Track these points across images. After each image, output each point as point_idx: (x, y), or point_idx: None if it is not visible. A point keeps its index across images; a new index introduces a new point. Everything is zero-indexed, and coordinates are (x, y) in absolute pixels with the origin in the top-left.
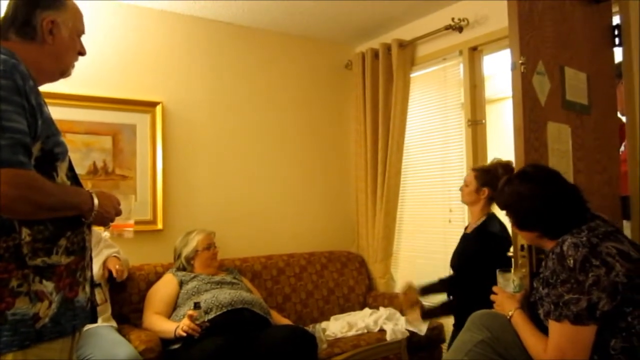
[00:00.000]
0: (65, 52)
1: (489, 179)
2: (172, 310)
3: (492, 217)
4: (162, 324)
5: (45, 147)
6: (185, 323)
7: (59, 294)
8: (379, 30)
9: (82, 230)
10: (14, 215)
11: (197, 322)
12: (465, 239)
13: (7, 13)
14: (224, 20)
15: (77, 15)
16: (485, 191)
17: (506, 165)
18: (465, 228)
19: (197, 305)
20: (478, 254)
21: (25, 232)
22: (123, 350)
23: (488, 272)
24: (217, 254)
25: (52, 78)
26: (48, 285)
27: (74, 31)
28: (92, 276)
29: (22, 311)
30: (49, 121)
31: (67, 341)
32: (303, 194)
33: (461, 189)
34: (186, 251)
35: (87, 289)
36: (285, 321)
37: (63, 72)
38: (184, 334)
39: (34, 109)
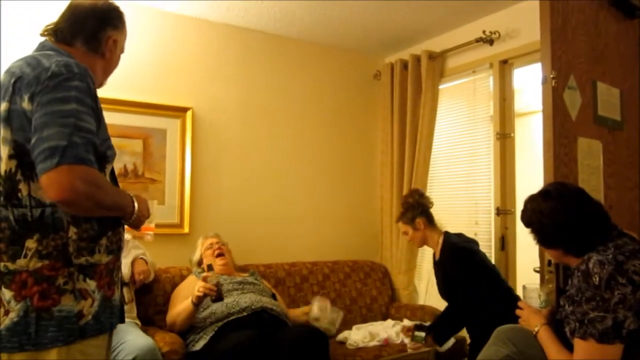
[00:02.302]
0: (112, 68)
1: (412, 212)
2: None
3: (447, 236)
4: (179, 306)
5: (100, 149)
6: (200, 285)
7: (99, 292)
8: (408, 41)
9: (119, 231)
10: (76, 210)
11: (213, 283)
12: (439, 266)
13: (70, 19)
14: (256, 29)
15: (126, 37)
16: (420, 222)
17: (409, 194)
18: (434, 255)
19: (210, 268)
20: (457, 272)
21: (72, 231)
22: (141, 339)
23: (469, 280)
24: (226, 252)
25: None
26: (91, 284)
27: (122, 50)
28: (121, 276)
29: (67, 308)
30: (104, 125)
31: (105, 337)
32: (328, 202)
33: (411, 240)
34: (195, 257)
35: (119, 288)
36: (299, 312)
37: (101, 84)
38: (201, 294)
39: (100, 113)
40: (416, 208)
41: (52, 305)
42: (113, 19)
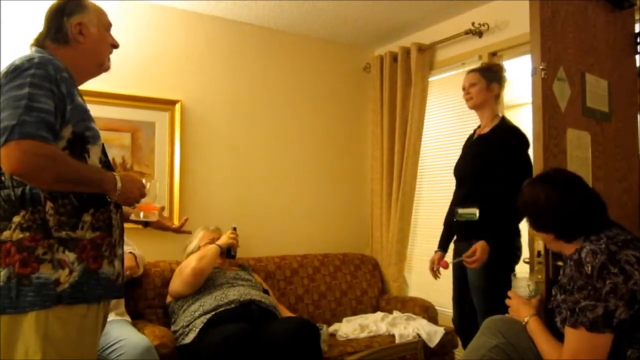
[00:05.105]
0: (98, 47)
1: (494, 75)
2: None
3: (506, 119)
4: (197, 254)
5: (76, 130)
6: (232, 233)
7: (80, 264)
8: (398, 33)
9: (108, 209)
10: (37, 182)
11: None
12: (482, 139)
13: (43, 26)
14: (244, 21)
15: (100, 12)
16: (495, 87)
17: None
18: (475, 131)
19: (234, 229)
20: (503, 151)
21: (49, 205)
22: (137, 337)
23: (514, 173)
24: None
25: (92, 73)
26: (70, 256)
27: (101, 26)
28: (122, 254)
29: (45, 276)
30: (80, 108)
31: (92, 308)
32: (319, 195)
33: (467, 92)
34: (190, 247)
35: (117, 264)
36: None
37: (100, 64)
38: (232, 241)
39: (64, 96)
40: (501, 78)
41: (31, 273)
42: (68, 8)
